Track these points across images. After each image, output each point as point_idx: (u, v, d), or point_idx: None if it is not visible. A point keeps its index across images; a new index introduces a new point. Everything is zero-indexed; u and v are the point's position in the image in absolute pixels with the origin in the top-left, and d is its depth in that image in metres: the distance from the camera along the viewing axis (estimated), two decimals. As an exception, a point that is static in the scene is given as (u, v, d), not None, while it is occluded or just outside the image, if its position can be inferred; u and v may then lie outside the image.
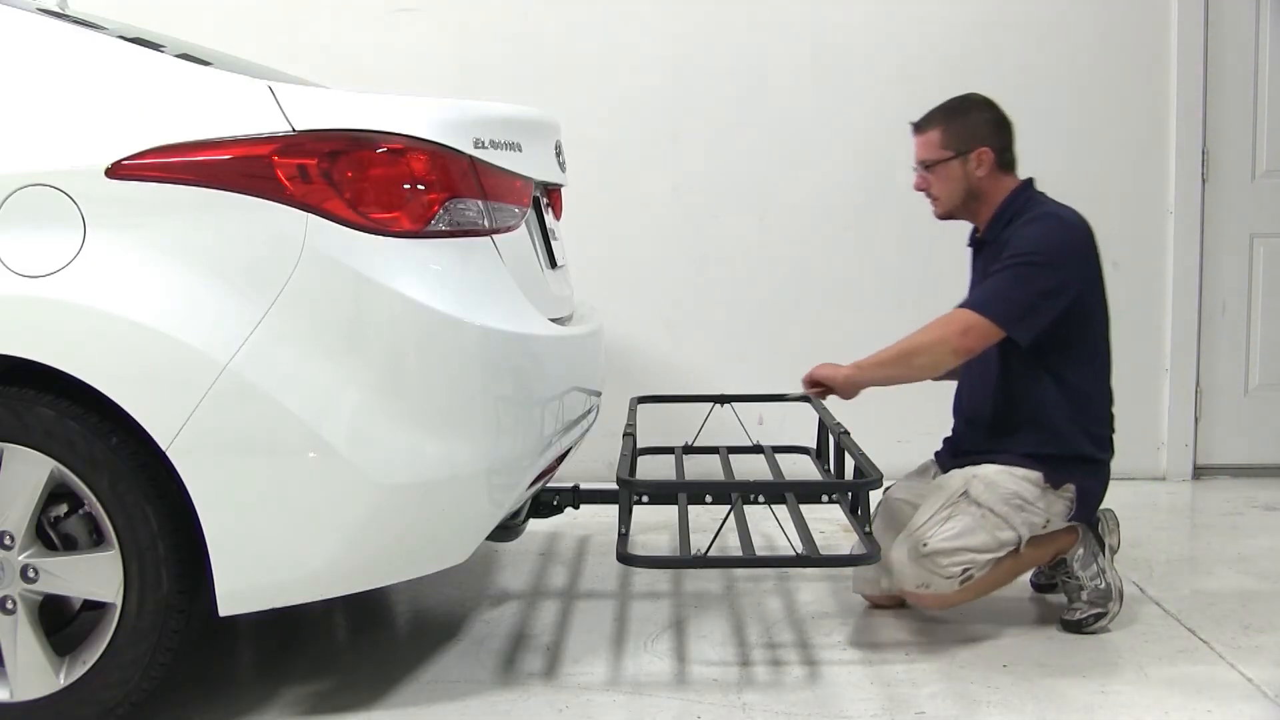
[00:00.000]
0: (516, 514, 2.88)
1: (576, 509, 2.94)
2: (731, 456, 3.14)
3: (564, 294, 2.82)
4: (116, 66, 2.13)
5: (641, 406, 3.21)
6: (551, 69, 4.25)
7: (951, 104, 2.84)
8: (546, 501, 2.88)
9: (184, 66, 2.19)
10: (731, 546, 2.89)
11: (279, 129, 2.07)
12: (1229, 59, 4.26)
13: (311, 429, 2.03)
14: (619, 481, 2.57)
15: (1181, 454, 4.35)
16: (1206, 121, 4.26)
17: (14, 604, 2.09)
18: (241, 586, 2.07)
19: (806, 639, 2.70)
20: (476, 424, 2.19)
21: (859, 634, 2.70)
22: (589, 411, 2.79)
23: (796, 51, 4.27)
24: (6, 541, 2.09)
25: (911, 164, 2.86)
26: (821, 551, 2.53)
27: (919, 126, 2.85)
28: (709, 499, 2.69)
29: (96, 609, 2.14)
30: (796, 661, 2.57)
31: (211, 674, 2.57)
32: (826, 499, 2.80)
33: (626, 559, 2.43)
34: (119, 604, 2.08)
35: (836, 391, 2.78)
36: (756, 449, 3.19)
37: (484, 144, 2.28)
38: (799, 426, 3.32)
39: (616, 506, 2.59)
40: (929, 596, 2.64)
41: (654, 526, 3.63)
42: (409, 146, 2.13)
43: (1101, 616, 2.67)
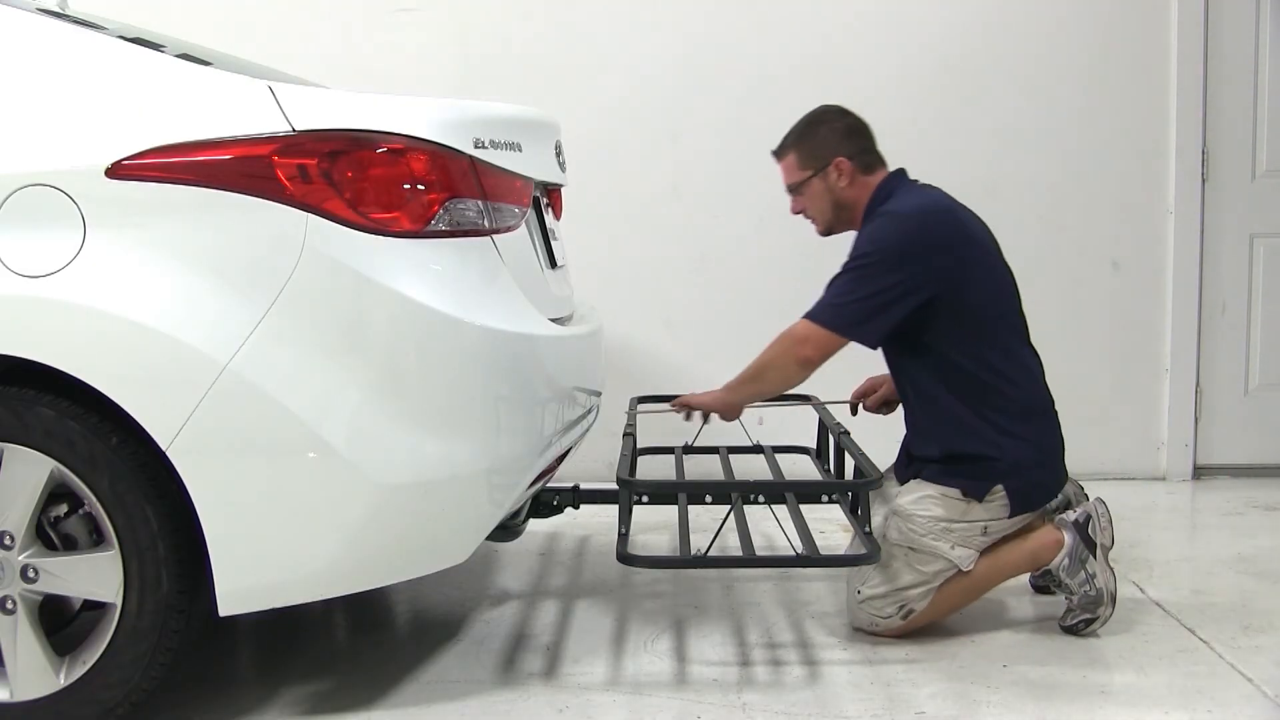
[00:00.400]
0: (516, 514, 2.88)
1: (576, 509, 2.95)
2: (731, 456, 3.14)
3: (564, 294, 2.82)
4: (116, 66, 2.13)
5: (641, 406, 3.21)
6: (551, 69, 4.25)
7: (801, 124, 2.84)
8: (546, 501, 2.88)
9: (184, 66, 2.19)
10: (731, 546, 2.89)
11: (279, 129, 2.07)
12: (1229, 59, 4.25)
13: (311, 429, 2.03)
14: (619, 481, 2.57)
15: (1181, 454, 4.35)
16: (1206, 121, 4.25)
17: (14, 604, 2.09)
18: (241, 586, 2.07)
19: (806, 639, 2.70)
20: (476, 424, 2.19)
21: (859, 634, 2.70)
22: (589, 411, 2.80)
23: (797, 51, 4.27)
24: (6, 541, 2.09)
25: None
26: (821, 551, 2.53)
27: (777, 154, 2.86)
28: (709, 499, 2.69)
29: (96, 609, 2.14)
30: (796, 661, 2.57)
31: (211, 674, 2.57)
32: (826, 499, 2.81)
33: (626, 559, 2.43)
34: (119, 604, 2.08)
35: (719, 415, 2.80)
36: (756, 449, 3.19)
37: (484, 144, 2.29)
38: (799, 427, 3.32)
39: (616, 506, 2.59)
40: (889, 630, 2.65)
41: (654, 526, 3.64)
42: (409, 146, 2.13)
43: (1092, 621, 2.65)
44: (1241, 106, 4.27)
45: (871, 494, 2.64)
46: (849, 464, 2.90)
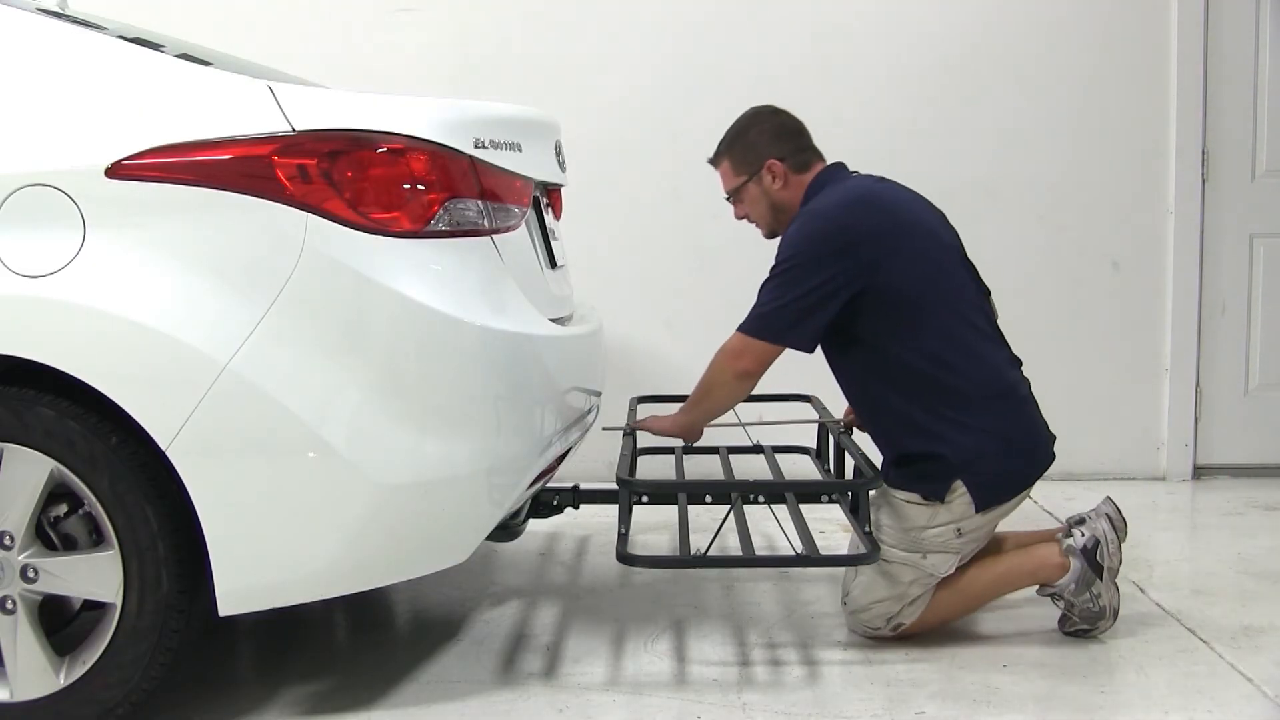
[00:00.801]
0: (516, 514, 2.88)
1: (576, 509, 2.94)
2: (731, 456, 3.14)
3: (564, 294, 2.82)
4: (116, 66, 2.13)
5: (641, 406, 3.21)
6: (551, 69, 4.25)
7: (733, 129, 2.83)
8: (546, 501, 2.88)
9: (184, 66, 2.19)
10: (731, 546, 2.89)
11: (279, 129, 2.06)
12: (1229, 59, 4.25)
13: (311, 429, 2.03)
14: (619, 481, 2.57)
15: (1181, 454, 4.35)
16: (1206, 121, 4.25)
17: (14, 604, 2.09)
18: (241, 586, 2.07)
19: (806, 639, 2.70)
20: (476, 424, 2.19)
21: (854, 633, 2.70)
22: (589, 411, 2.79)
23: (797, 51, 4.27)
24: (6, 541, 2.09)
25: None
26: (821, 551, 2.53)
27: (713, 162, 2.86)
28: (709, 499, 2.69)
29: (96, 609, 2.14)
30: (796, 661, 2.57)
31: (211, 674, 2.57)
32: (826, 499, 2.81)
33: (626, 559, 2.43)
34: (119, 604, 2.08)
35: (682, 439, 2.81)
36: (756, 449, 3.19)
37: (484, 144, 2.28)
38: (799, 426, 3.32)
39: (616, 506, 2.59)
40: (883, 638, 2.64)
41: (654, 526, 3.63)
42: (409, 146, 2.13)
43: (1088, 632, 2.64)
44: (1241, 106, 4.27)
45: (871, 494, 2.63)
46: (849, 464, 2.90)
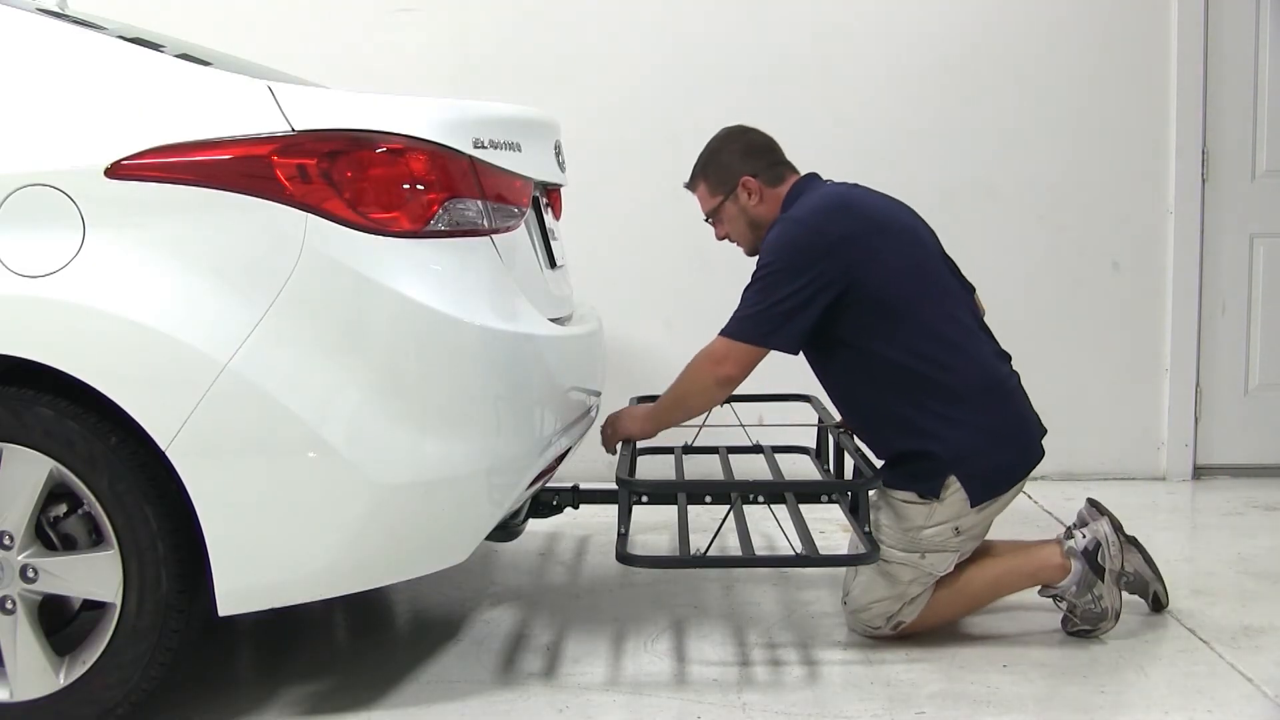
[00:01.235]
0: (516, 514, 2.88)
1: (576, 509, 2.94)
2: (731, 456, 3.14)
3: (563, 294, 2.82)
4: (116, 66, 2.13)
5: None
6: (551, 69, 4.25)
7: (704, 152, 2.85)
8: (546, 501, 2.88)
9: (184, 66, 2.19)
10: (731, 546, 2.89)
11: (278, 129, 2.06)
12: (1229, 59, 4.25)
13: (311, 429, 2.03)
14: (618, 481, 2.57)
15: (1181, 454, 4.35)
16: (1206, 121, 4.25)
17: (13, 604, 2.09)
18: (241, 586, 2.07)
19: (806, 639, 2.70)
20: (476, 424, 2.19)
21: (854, 632, 2.70)
22: (589, 411, 2.79)
23: (797, 51, 4.27)
24: (6, 541, 2.09)
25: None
26: (821, 551, 2.53)
27: (689, 186, 2.88)
28: (708, 499, 2.69)
29: (96, 609, 2.14)
30: (796, 661, 2.57)
31: (211, 674, 2.57)
32: (825, 499, 2.81)
33: (626, 559, 2.43)
34: (118, 604, 2.08)
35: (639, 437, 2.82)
36: (756, 449, 3.19)
37: (484, 144, 2.28)
38: (799, 427, 3.32)
39: (616, 506, 2.59)
40: (883, 637, 2.64)
41: (654, 526, 3.63)
42: (408, 146, 2.13)
43: (1090, 633, 2.65)
44: (1241, 106, 4.27)
45: (871, 494, 2.63)
46: (848, 464, 2.90)
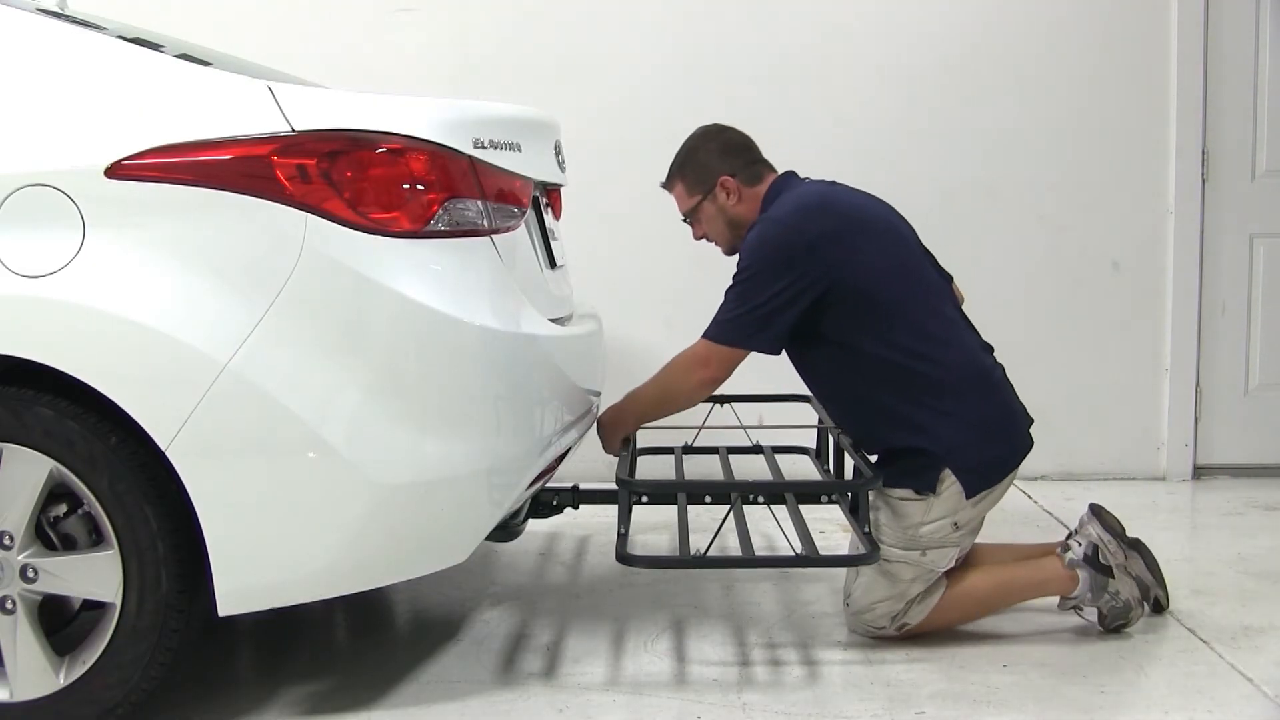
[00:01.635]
0: (516, 514, 2.88)
1: (576, 509, 2.94)
2: (731, 457, 3.14)
3: (563, 294, 2.82)
4: (116, 67, 2.13)
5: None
6: (551, 69, 4.25)
7: (681, 152, 2.84)
8: (546, 501, 2.88)
9: (183, 67, 2.19)
10: (731, 546, 2.89)
11: (278, 129, 2.06)
12: (1229, 59, 4.25)
13: (311, 429, 2.03)
14: (618, 482, 2.57)
15: (1181, 454, 4.35)
16: (1206, 121, 4.26)
17: (13, 604, 2.09)
18: (241, 586, 2.07)
19: (806, 639, 2.70)
20: (476, 424, 2.19)
21: (855, 633, 2.70)
22: (589, 411, 2.79)
23: (797, 51, 4.27)
24: (6, 541, 2.09)
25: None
26: (821, 552, 2.53)
27: (666, 186, 2.88)
28: (708, 499, 2.69)
29: (96, 609, 2.14)
30: (796, 661, 2.57)
31: (211, 674, 2.57)
32: (825, 499, 2.80)
33: (626, 559, 2.43)
34: (118, 604, 2.08)
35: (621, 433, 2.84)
36: (756, 449, 3.19)
37: (483, 144, 2.28)
38: (799, 428, 3.32)
39: (616, 507, 2.59)
40: (887, 638, 2.64)
41: (654, 526, 3.63)
42: (408, 147, 2.13)
43: (1124, 626, 2.67)
44: (1241, 106, 4.27)
45: (871, 494, 2.63)
46: (848, 464, 2.90)
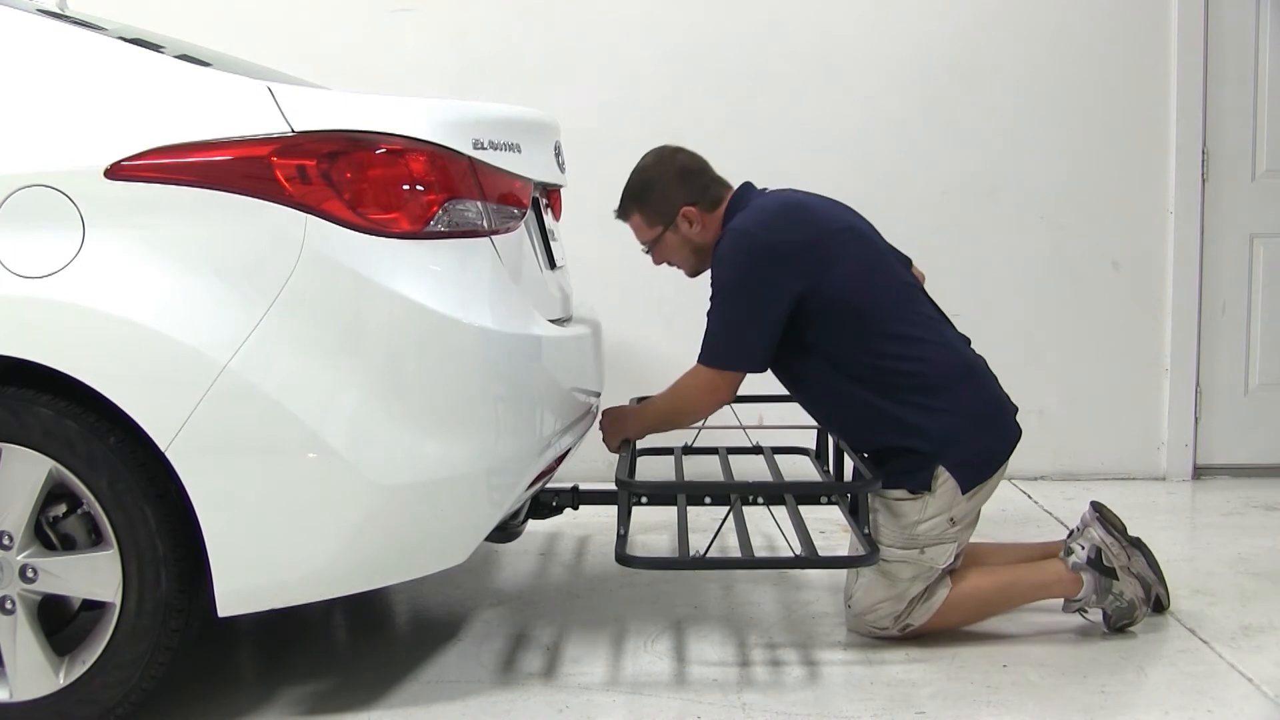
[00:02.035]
0: (515, 515, 2.88)
1: (576, 510, 2.94)
2: (731, 457, 3.14)
3: (563, 295, 2.82)
4: (116, 67, 2.13)
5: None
6: (551, 69, 4.25)
7: (635, 182, 2.81)
8: (545, 502, 2.88)
9: (183, 67, 2.19)
10: (731, 547, 2.89)
11: (278, 130, 2.07)
12: (1229, 59, 4.26)
13: (311, 429, 2.03)
14: (618, 483, 2.57)
15: (1181, 454, 4.35)
16: (1206, 121, 4.26)
17: (13, 604, 2.09)
18: (240, 587, 2.07)
19: (806, 639, 2.70)
20: (475, 424, 2.19)
21: (857, 634, 2.70)
22: (588, 412, 2.80)
23: (798, 51, 4.28)
24: (5, 541, 2.09)
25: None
26: (821, 553, 2.53)
27: (621, 216, 2.85)
28: (708, 500, 2.69)
29: (96, 608, 2.14)
30: (796, 661, 2.57)
31: (211, 674, 2.57)
32: (825, 500, 2.80)
33: (625, 560, 2.43)
34: (118, 603, 2.08)
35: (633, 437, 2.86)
36: (756, 450, 3.19)
37: (483, 145, 2.29)
38: (799, 428, 3.32)
39: (615, 507, 2.59)
40: (895, 637, 2.64)
41: (654, 526, 3.64)
42: (408, 147, 2.13)
43: (1130, 625, 2.67)
44: (1241, 106, 4.27)
45: (871, 495, 2.63)
46: (848, 465, 2.90)
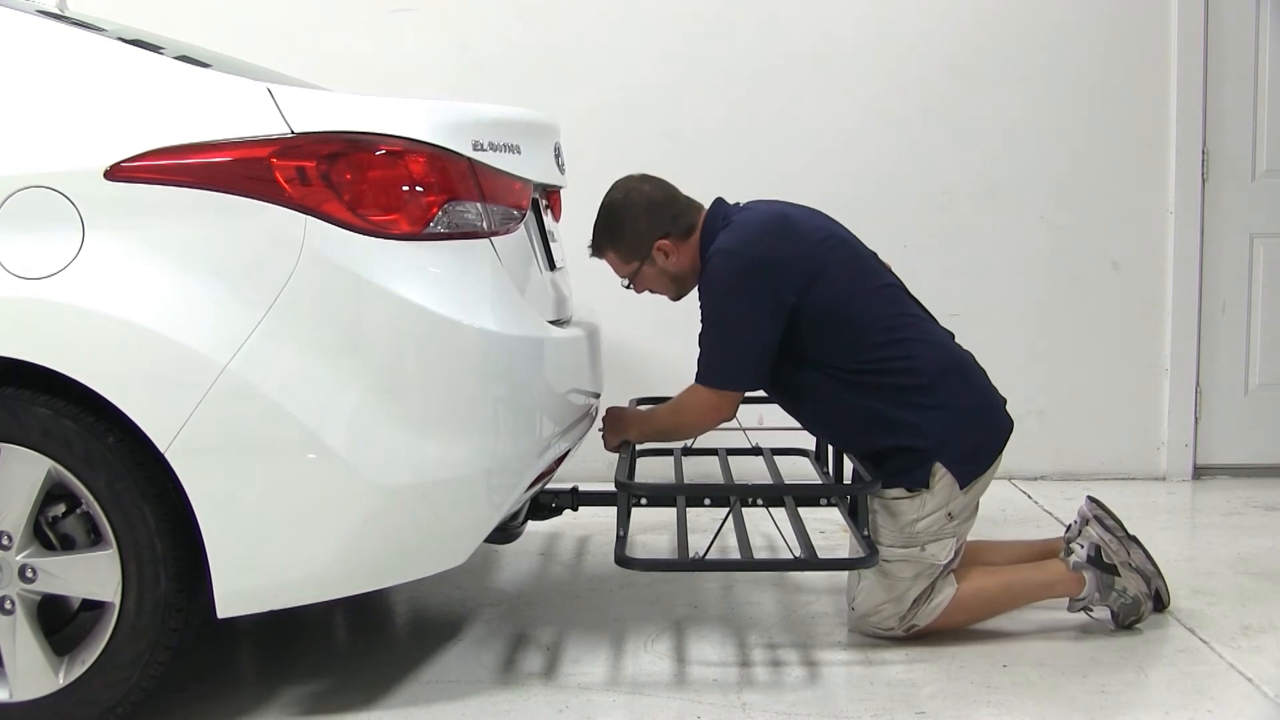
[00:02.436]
0: (515, 516, 2.88)
1: (575, 510, 2.94)
2: (730, 459, 3.14)
3: (562, 296, 2.82)
4: (115, 68, 2.13)
5: (641, 408, 3.20)
6: (551, 70, 4.25)
7: (604, 219, 2.79)
8: (545, 503, 2.88)
9: (183, 68, 2.19)
10: (731, 547, 2.89)
11: (278, 131, 2.07)
12: (1229, 59, 4.25)
13: (310, 430, 2.03)
14: (617, 484, 2.57)
15: (1181, 454, 4.35)
16: (1206, 121, 4.26)
17: (12, 604, 2.10)
18: (240, 588, 2.08)
19: (806, 639, 2.70)
20: (475, 426, 2.19)
21: (859, 634, 2.70)
22: (588, 413, 2.80)
23: (797, 52, 4.28)
24: (4, 541, 2.09)
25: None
26: (820, 554, 2.53)
27: (595, 253, 2.85)
28: (707, 501, 2.69)
29: (95, 608, 2.15)
30: (796, 661, 2.57)
31: (211, 674, 2.57)
32: (825, 502, 2.81)
33: (625, 562, 2.43)
34: (117, 603, 2.08)
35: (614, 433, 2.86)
36: (755, 451, 3.19)
37: (483, 146, 2.29)
38: (799, 430, 3.31)
39: (615, 508, 2.59)
40: (899, 637, 2.64)
41: (654, 526, 3.64)
42: (407, 149, 2.13)
43: (1137, 621, 2.68)
44: (1241, 106, 4.27)
45: (871, 496, 2.63)
46: (848, 466, 2.90)
